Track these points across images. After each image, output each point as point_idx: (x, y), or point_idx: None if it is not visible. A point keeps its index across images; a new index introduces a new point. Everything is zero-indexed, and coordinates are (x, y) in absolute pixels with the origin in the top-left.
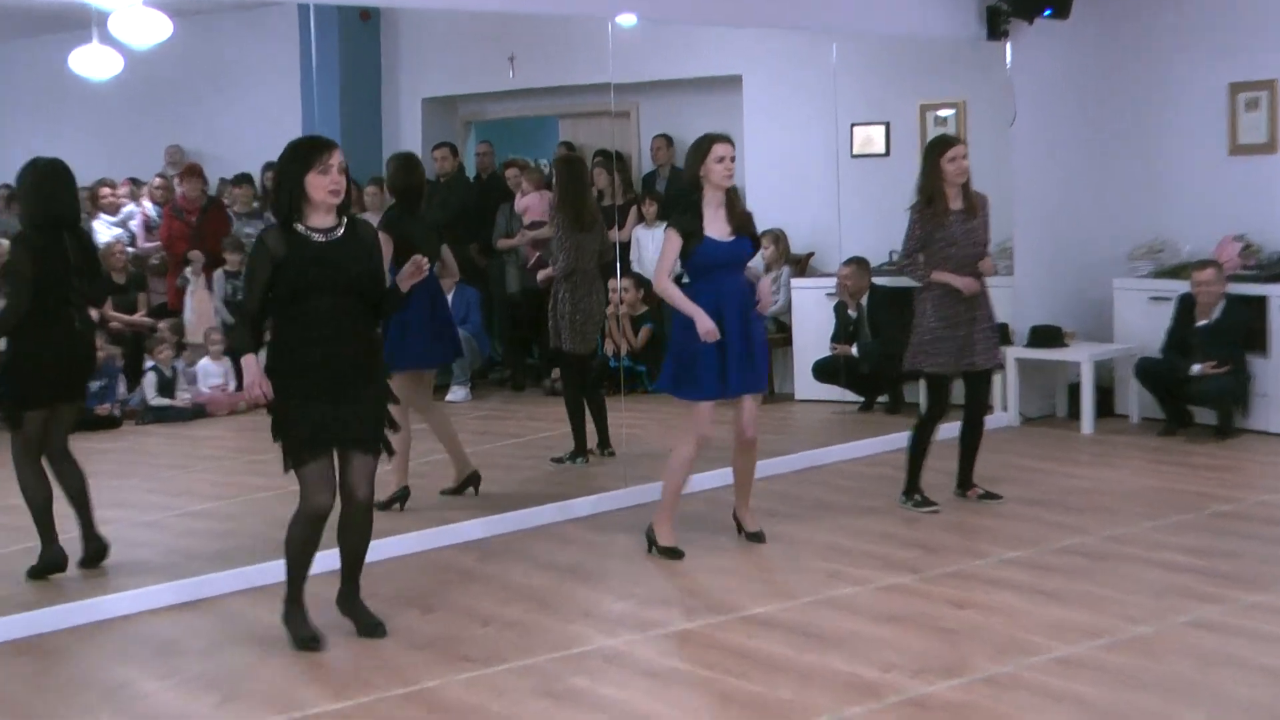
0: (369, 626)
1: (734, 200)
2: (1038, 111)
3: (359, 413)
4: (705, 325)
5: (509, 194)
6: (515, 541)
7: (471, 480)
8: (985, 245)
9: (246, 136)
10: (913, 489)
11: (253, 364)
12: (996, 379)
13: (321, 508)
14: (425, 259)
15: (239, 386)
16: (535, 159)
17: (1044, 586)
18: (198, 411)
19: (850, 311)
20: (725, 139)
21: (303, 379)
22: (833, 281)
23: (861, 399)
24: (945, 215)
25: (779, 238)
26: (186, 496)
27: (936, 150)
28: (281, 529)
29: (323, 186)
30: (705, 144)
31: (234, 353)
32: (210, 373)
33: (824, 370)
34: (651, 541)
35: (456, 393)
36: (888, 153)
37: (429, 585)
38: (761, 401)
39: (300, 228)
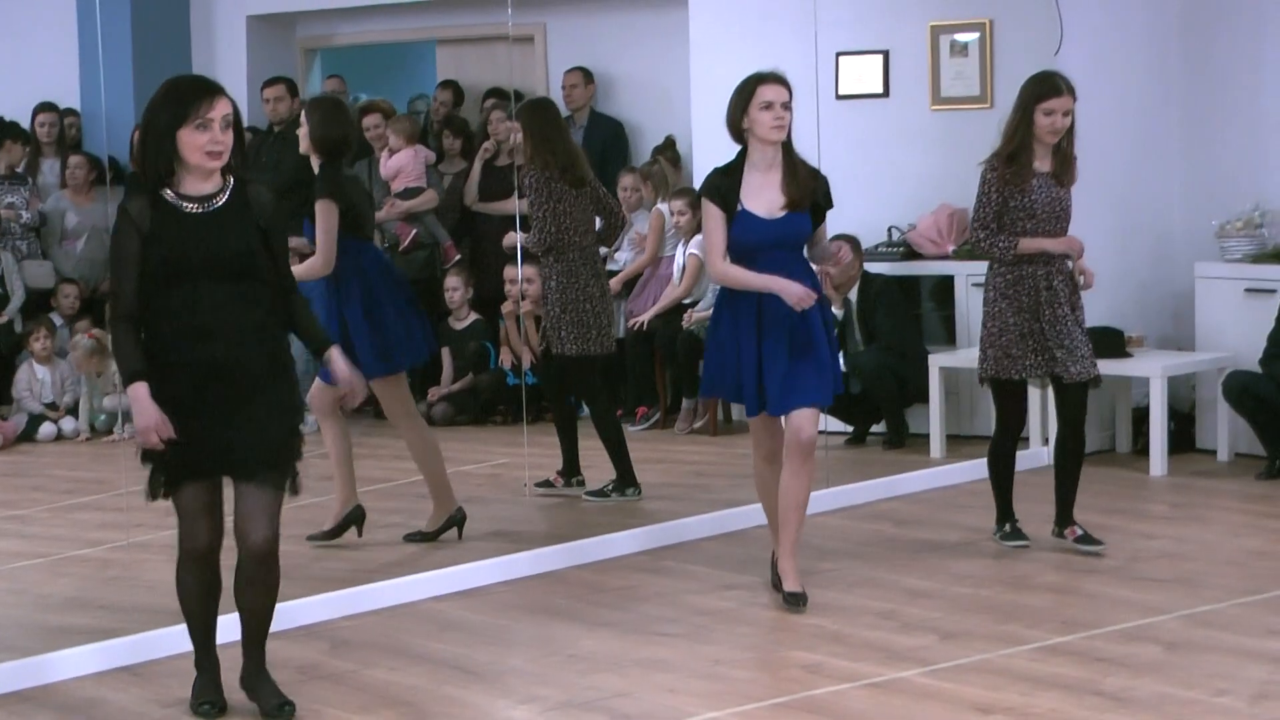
0: (272, 709)
1: (794, 161)
2: (1094, 36)
3: (251, 434)
4: (793, 291)
5: (367, 149)
6: (377, 625)
7: (455, 521)
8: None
9: (4, 65)
10: (1005, 517)
11: (144, 396)
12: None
13: (201, 546)
14: (359, 394)
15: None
16: (408, 101)
17: (1103, 686)
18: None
19: (834, 310)
20: (772, 78)
21: (175, 387)
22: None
23: (850, 428)
24: (1027, 178)
25: None
26: None
27: (1033, 94)
28: (53, 611)
29: (198, 146)
30: (748, 87)
31: (125, 377)
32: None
33: None
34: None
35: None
36: (886, 92)
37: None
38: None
39: (169, 195)
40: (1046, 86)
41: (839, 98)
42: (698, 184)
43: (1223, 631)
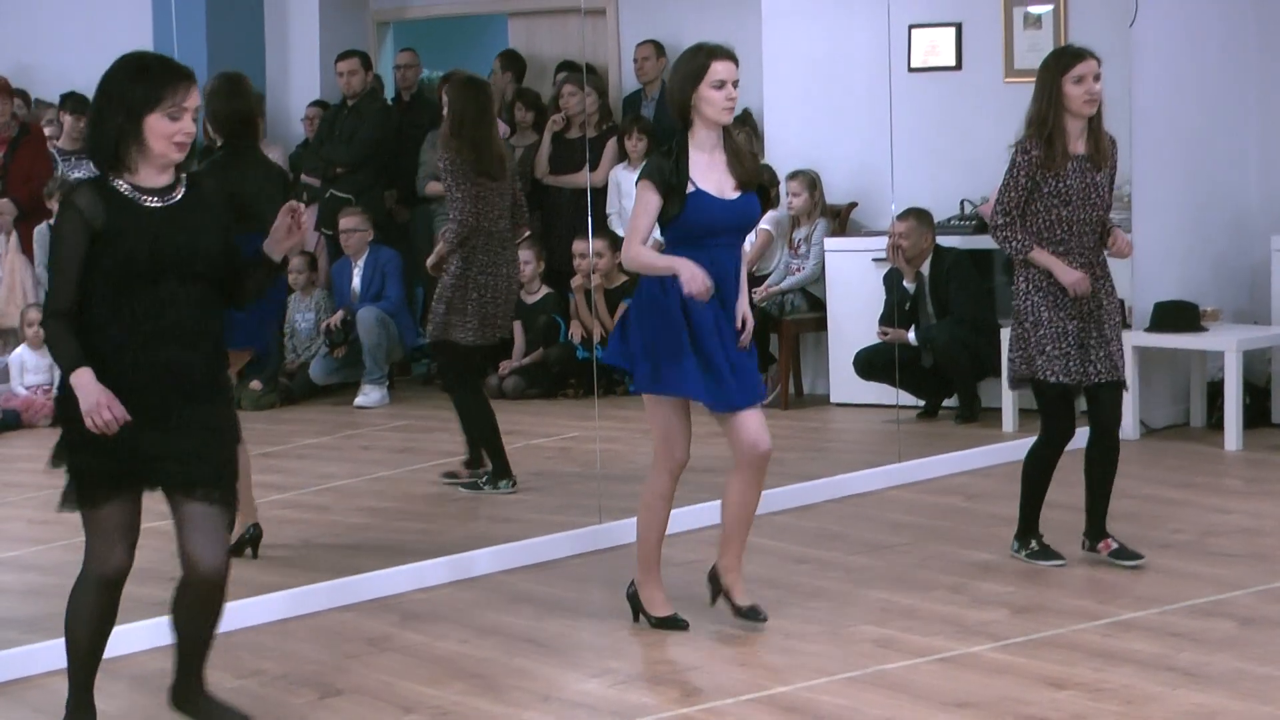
0: None
1: (736, 142)
2: (1169, 7)
3: (200, 444)
4: (694, 276)
5: (439, 121)
6: (448, 598)
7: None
8: (1109, 209)
9: (79, 43)
10: (1029, 532)
11: (89, 380)
12: None
13: (115, 570)
14: (300, 205)
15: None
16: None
17: (1176, 661)
18: (9, 420)
19: (906, 283)
20: (724, 53)
21: (127, 394)
22: (882, 242)
23: (923, 402)
24: (1062, 160)
25: (813, 182)
26: None
27: (1056, 67)
28: (127, 582)
29: (167, 135)
30: (696, 62)
31: (65, 368)
32: (29, 366)
33: (871, 363)
34: (637, 610)
35: (370, 394)
36: (959, 65)
37: (328, 659)
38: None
39: (123, 186)
40: (1069, 55)
41: (911, 70)
42: (771, 157)
43: None
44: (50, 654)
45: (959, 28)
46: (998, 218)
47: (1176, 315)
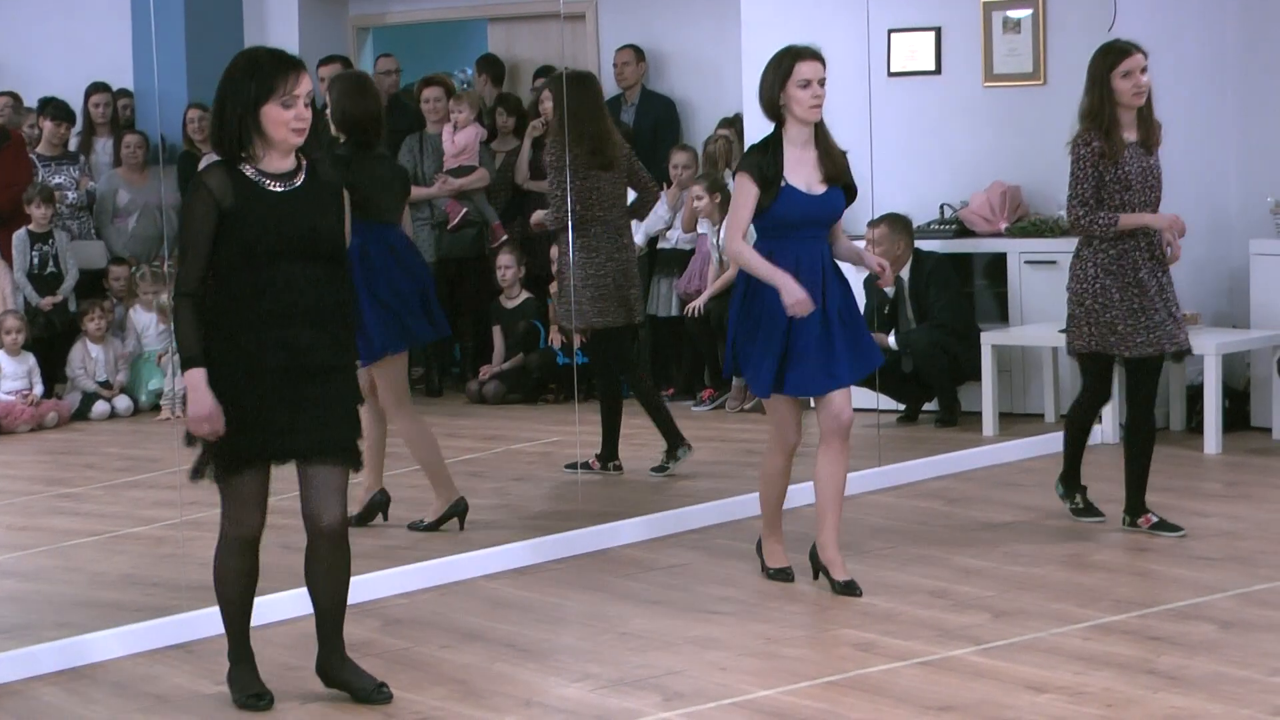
0: (366, 691)
1: (827, 139)
2: (1148, 12)
3: (325, 414)
4: (794, 294)
5: (416, 125)
6: (430, 602)
7: (457, 511)
8: (1161, 190)
9: (58, 48)
10: (1072, 484)
11: (201, 383)
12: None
13: (250, 533)
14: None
15: (48, 392)
16: (459, 78)
17: (1156, 665)
18: None
19: (885, 288)
20: (810, 54)
21: (256, 374)
22: (861, 247)
23: (903, 406)
24: (1120, 149)
25: None
26: None
27: (1107, 62)
28: (106, 588)
29: (284, 122)
30: (785, 63)
31: (184, 360)
32: (8, 373)
33: None
34: (762, 563)
35: None
36: (938, 69)
37: (310, 664)
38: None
39: (249, 171)
40: (1116, 51)
41: (891, 75)
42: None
43: (1277, 610)
44: (30, 661)
45: (938, 32)
46: (1076, 209)
47: None
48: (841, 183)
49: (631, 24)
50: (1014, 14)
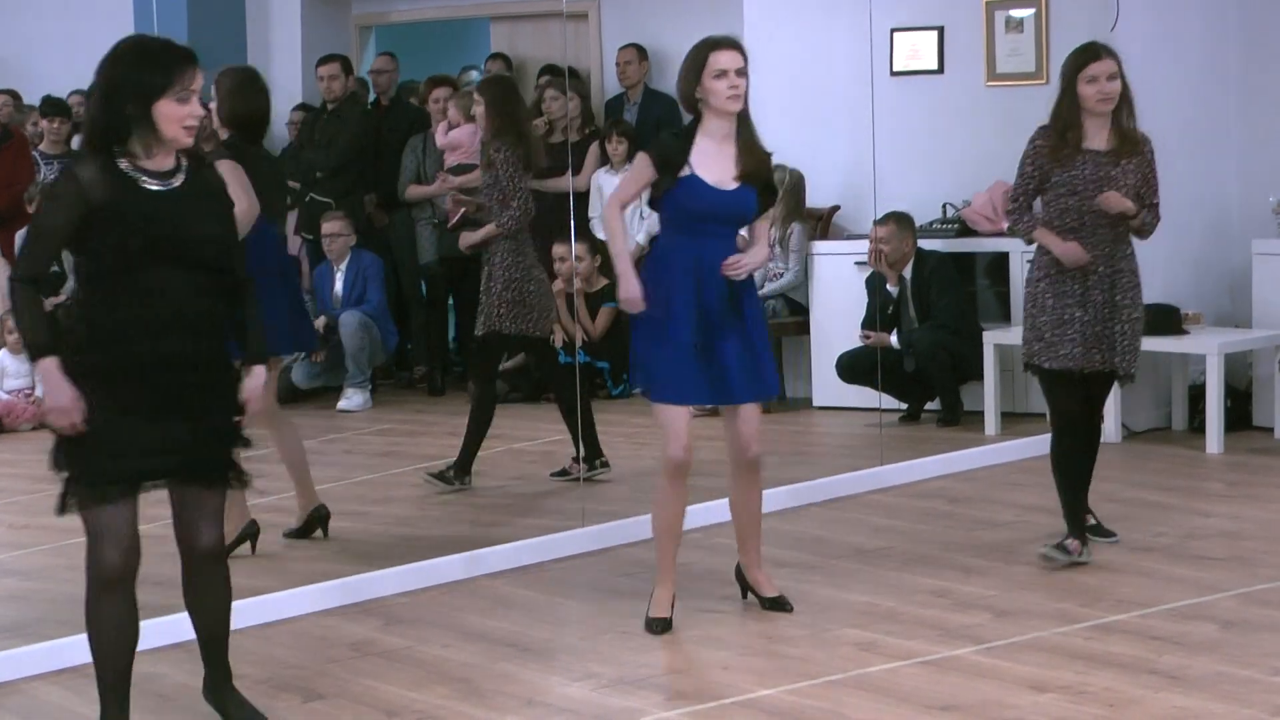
0: None
1: (750, 135)
2: (1150, 11)
3: (202, 430)
4: (627, 289)
5: (420, 125)
6: (432, 601)
7: (318, 519)
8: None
9: (59, 45)
10: (1075, 529)
11: (55, 371)
12: None
13: (122, 570)
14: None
15: None
16: (462, 77)
17: (1158, 664)
18: None
19: (889, 287)
20: (725, 43)
21: (126, 385)
22: (865, 246)
23: (905, 406)
24: (1073, 153)
25: (781, 179)
26: None
27: (1074, 65)
28: None
29: (177, 119)
30: (701, 53)
31: (33, 348)
32: (10, 371)
33: (853, 367)
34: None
35: (352, 399)
36: (941, 69)
37: (310, 664)
38: (764, 411)
39: (125, 166)
40: (1085, 54)
41: (893, 74)
42: None
43: (1279, 610)
44: (31, 659)
45: (941, 31)
46: (1009, 204)
47: (1158, 319)
48: (759, 182)
49: (634, 23)
50: (1016, 13)
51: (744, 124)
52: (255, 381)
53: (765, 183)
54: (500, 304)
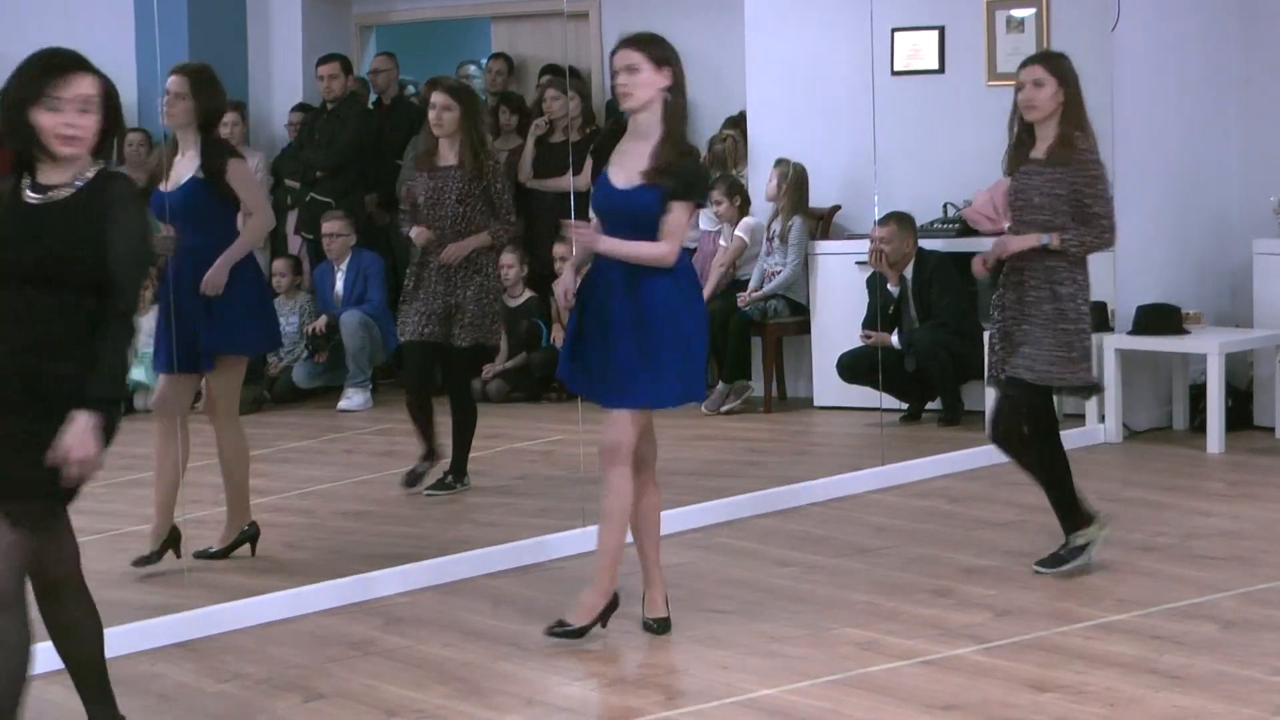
0: None
1: (674, 137)
2: (1151, 11)
3: (11, 454)
4: (561, 283)
5: (420, 125)
6: (431, 601)
7: (246, 538)
8: (1049, 213)
9: (61, 42)
10: (1075, 527)
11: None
12: None
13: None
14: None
15: None
16: (461, 71)
17: (1159, 664)
18: None
19: (890, 287)
20: (625, 43)
21: None
22: (865, 245)
23: (906, 405)
24: (1015, 163)
25: (785, 173)
26: None
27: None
28: (108, 586)
29: (49, 129)
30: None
31: None
32: None
33: (854, 367)
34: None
35: (352, 398)
36: (942, 68)
37: (311, 663)
38: (764, 411)
39: (26, 179)
40: (1022, 63)
41: (894, 74)
42: (755, 160)
43: (1279, 610)
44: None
45: (941, 31)
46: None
47: (1159, 318)
48: (668, 181)
49: (635, 23)
50: (1017, 13)
51: (670, 122)
52: (75, 429)
53: (681, 182)
54: (488, 316)
